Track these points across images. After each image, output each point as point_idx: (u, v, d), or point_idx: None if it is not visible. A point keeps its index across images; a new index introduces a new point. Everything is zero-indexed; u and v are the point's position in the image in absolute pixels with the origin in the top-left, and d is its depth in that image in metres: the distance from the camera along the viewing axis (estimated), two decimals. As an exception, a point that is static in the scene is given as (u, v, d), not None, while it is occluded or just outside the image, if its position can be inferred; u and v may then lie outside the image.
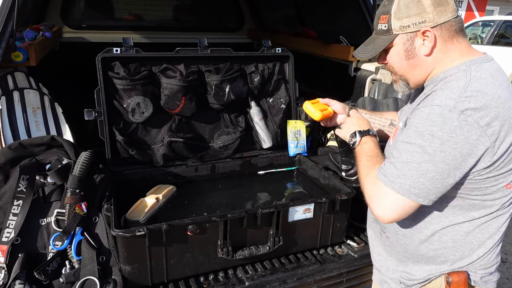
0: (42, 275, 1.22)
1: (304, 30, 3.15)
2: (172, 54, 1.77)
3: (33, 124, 1.64)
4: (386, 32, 1.10)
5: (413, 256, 1.16)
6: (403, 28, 1.07)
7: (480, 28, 9.76)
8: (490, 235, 1.09)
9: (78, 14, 3.38)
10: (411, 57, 1.10)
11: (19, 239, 1.28)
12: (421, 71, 1.11)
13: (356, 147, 1.25)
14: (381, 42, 1.12)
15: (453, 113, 0.93)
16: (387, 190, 1.01)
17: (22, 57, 1.75)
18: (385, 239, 1.24)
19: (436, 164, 0.95)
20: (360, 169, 1.16)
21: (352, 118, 1.37)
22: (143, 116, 1.76)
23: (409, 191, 0.98)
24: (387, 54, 1.15)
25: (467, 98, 0.94)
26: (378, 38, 1.14)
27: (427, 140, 0.95)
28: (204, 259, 1.37)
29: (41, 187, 1.36)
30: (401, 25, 1.06)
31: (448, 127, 0.93)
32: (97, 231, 1.34)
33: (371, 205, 1.06)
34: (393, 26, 1.08)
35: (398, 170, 0.99)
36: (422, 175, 0.96)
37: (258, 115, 2.00)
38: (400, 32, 1.08)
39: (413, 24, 1.05)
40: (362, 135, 1.25)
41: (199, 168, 1.87)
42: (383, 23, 1.10)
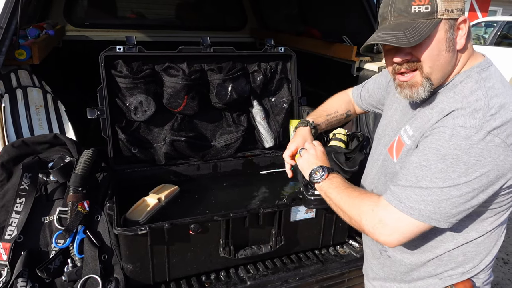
0: (45, 273, 1.23)
1: (307, 30, 3.14)
2: (175, 53, 1.77)
3: (36, 122, 1.64)
4: (429, 15, 0.91)
5: (419, 273, 1.10)
6: (448, 13, 0.91)
7: (483, 29, 9.73)
8: (495, 242, 1.06)
9: (81, 12, 3.38)
10: (451, 49, 0.94)
11: (21, 237, 1.28)
12: (451, 68, 0.97)
13: (321, 182, 1.13)
14: (425, 26, 0.91)
15: (479, 135, 0.85)
16: (402, 216, 0.91)
17: (25, 55, 1.75)
18: (385, 258, 1.17)
19: (460, 188, 0.87)
20: (343, 200, 1.04)
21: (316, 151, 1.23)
22: (146, 115, 1.76)
23: (429, 216, 0.89)
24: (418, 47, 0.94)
25: (492, 116, 0.87)
26: (417, 22, 0.92)
27: (450, 165, 0.86)
28: (206, 258, 1.37)
29: (43, 185, 1.36)
30: (447, 8, 0.91)
31: (475, 150, 0.85)
32: (99, 229, 1.34)
33: (376, 231, 0.94)
34: (440, 7, 0.91)
35: (417, 195, 0.90)
36: (444, 200, 0.88)
37: (261, 114, 1.99)
38: (444, 16, 0.92)
39: (456, 10, 0.92)
40: (329, 172, 1.14)
41: (201, 167, 1.87)
42: (423, 4, 0.92)
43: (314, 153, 1.22)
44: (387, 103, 1.29)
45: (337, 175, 1.14)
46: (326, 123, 1.50)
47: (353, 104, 1.55)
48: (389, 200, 0.94)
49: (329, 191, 1.10)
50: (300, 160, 1.24)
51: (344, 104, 1.54)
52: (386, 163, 1.12)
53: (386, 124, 1.23)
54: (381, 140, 1.22)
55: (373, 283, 1.25)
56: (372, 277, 1.25)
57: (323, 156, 1.22)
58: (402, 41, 0.92)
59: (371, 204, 0.97)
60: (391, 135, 1.16)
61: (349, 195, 1.04)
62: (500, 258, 3.03)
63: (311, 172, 1.16)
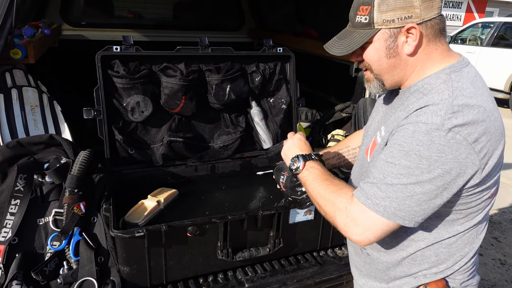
0: (40, 276, 1.21)
1: (305, 30, 3.13)
2: (173, 53, 1.75)
3: (32, 122, 1.62)
4: (367, 26, 0.98)
5: (395, 273, 1.11)
6: (387, 23, 0.96)
7: (480, 30, 9.77)
8: (470, 244, 1.06)
9: (77, 11, 3.35)
10: (392, 56, 1.00)
11: (16, 239, 1.26)
12: (401, 71, 1.02)
13: (299, 172, 1.12)
14: (360, 36, 0.99)
15: (440, 131, 0.87)
16: (369, 213, 0.92)
17: (20, 55, 1.73)
18: (365, 256, 1.18)
19: (423, 185, 0.89)
20: (319, 195, 1.04)
21: (293, 139, 1.24)
22: (143, 115, 1.74)
23: (394, 214, 0.91)
24: (364, 51, 1.02)
25: (454, 114, 0.88)
26: (356, 32, 1.01)
27: (413, 161, 0.89)
28: (204, 260, 1.36)
29: (39, 186, 1.35)
30: (385, 19, 0.95)
31: (436, 146, 0.87)
32: (96, 231, 1.33)
33: (348, 229, 0.95)
34: (376, 19, 0.96)
35: (382, 192, 0.92)
36: (408, 197, 0.90)
37: (259, 115, 1.98)
38: (383, 26, 0.97)
39: (398, 19, 0.95)
40: (306, 159, 1.13)
41: (199, 168, 1.86)
42: (363, 15, 0.98)
43: (291, 142, 1.23)
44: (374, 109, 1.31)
45: (315, 164, 1.13)
46: (337, 158, 1.52)
47: None
48: (357, 196, 0.96)
49: (307, 182, 1.10)
50: (282, 153, 1.25)
51: (357, 139, 1.52)
52: (362, 163, 1.15)
53: (369, 126, 1.26)
54: (364, 140, 1.25)
55: (358, 282, 1.26)
56: (358, 274, 1.26)
57: (300, 143, 1.22)
58: (337, 50, 1.04)
59: (344, 201, 0.97)
60: (370, 136, 1.18)
61: (326, 189, 1.04)
62: (498, 260, 3.03)
63: (290, 163, 1.17)
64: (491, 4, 15.42)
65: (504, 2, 15.62)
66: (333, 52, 1.05)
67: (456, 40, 9.62)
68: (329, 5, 2.83)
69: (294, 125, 2.06)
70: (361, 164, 1.16)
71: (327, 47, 1.08)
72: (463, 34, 9.70)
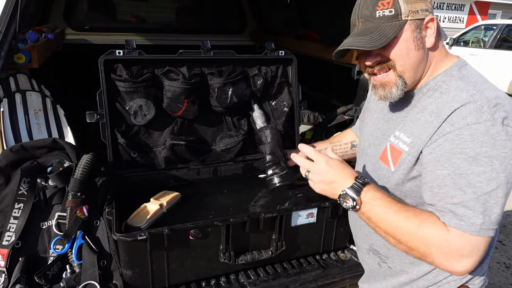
0: (43, 280, 1.21)
1: (307, 33, 3.14)
2: (175, 57, 1.76)
3: (35, 127, 1.63)
4: (393, 18, 0.95)
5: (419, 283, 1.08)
6: (413, 14, 0.95)
7: (483, 32, 9.76)
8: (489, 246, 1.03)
9: (81, 16, 3.37)
10: (420, 48, 0.97)
11: (19, 243, 1.27)
12: (423, 67, 0.99)
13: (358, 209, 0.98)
14: (389, 29, 0.95)
15: (496, 127, 0.85)
16: (467, 237, 0.85)
17: (24, 59, 1.74)
18: (386, 269, 1.13)
19: (503, 187, 0.85)
20: (399, 230, 0.92)
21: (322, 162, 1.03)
22: (145, 119, 1.75)
23: (489, 228, 0.86)
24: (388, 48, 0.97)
25: (496, 107, 0.87)
26: (382, 26, 0.96)
27: (485, 165, 0.84)
28: (206, 263, 1.36)
29: (42, 190, 1.35)
30: (411, 9, 0.94)
31: (499, 143, 0.85)
32: (98, 235, 1.33)
33: (452, 264, 0.86)
34: (404, 10, 0.94)
35: (472, 210, 0.85)
36: (494, 204, 0.85)
37: (261, 118, 1.98)
38: (409, 18, 0.95)
39: (421, 11, 0.95)
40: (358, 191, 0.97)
41: (201, 171, 1.86)
42: (387, 8, 0.95)
43: (324, 168, 1.02)
44: (366, 116, 1.28)
45: (371, 190, 0.97)
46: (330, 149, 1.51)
47: (356, 137, 1.55)
48: (450, 223, 0.87)
49: (373, 218, 0.97)
50: (316, 187, 1.04)
51: (349, 135, 1.57)
52: (382, 173, 1.07)
53: (370, 134, 1.20)
54: (367, 150, 1.19)
55: None
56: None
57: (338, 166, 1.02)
58: (368, 44, 0.96)
59: (439, 233, 0.87)
60: (377, 144, 1.13)
61: (406, 221, 0.91)
62: (502, 263, 3.01)
63: (339, 201, 1.00)
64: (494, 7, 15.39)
65: (507, 5, 15.59)
66: (366, 47, 0.96)
67: (459, 42, 9.61)
68: (331, 8, 2.84)
69: (296, 128, 2.06)
70: (378, 174, 1.08)
71: (350, 44, 1.00)
72: (466, 37, 9.69)
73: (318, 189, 1.05)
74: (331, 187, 1.02)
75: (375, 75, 1.04)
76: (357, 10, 1.01)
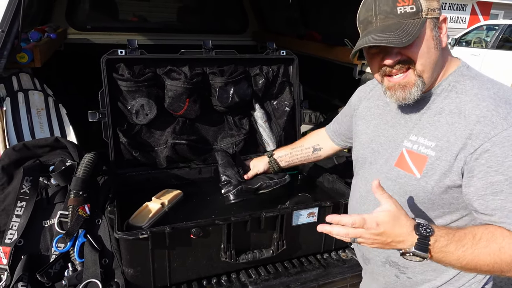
0: (45, 278, 1.22)
1: (308, 33, 3.14)
2: (177, 56, 1.77)
3: (37, 125, 1.63)
4: (414, 15, 0.91)
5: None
6: (432, 12, 0.93)
7: (485, 32, 9.74)
8: None
9: (83, 15, 3.38)
10: (439, 47, 0.95)
11: (22, 241, 1.27)
12: (439, 67, 0.98)
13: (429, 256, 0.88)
14: (413, 25, 0.91)
15: None
16: None
17: (27, 58, 1.75)
18: (405, 280, 1.10)
19: None
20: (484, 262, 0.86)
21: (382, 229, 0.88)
22: (147, 118, 1.76)
23: None
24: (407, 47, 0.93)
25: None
26: (405, 22, 0.91)
27: None
28: (207, 262, 1.36)
29: (44, 188, 1.36)
30: (430, 7, 0.92)
31: None
32: (100, 233, 1.34)
33: None
34: (424, 7, 0.91)
35: None
36: None
37: (262, 117, 1.99)
38: (429, 16, 0.93)
39: (437, 9, 0.94)
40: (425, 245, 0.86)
41: (203, 171, 1.87)
42: (408, 5, 0.91)
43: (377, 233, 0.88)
44: (360, 123, 1.23)
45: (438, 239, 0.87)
46: (289, 155, 1.58)
47: (327, 140, 1.53)
48: None
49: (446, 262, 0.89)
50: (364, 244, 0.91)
51: (313, 139, 1.56)
52: (403, 181, 1.01)
53: (370, 141, 1.16)
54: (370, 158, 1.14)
55: None
56: None
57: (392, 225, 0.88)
58: (396, 41, 0.90)
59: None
60: (383, 150, 1.09)
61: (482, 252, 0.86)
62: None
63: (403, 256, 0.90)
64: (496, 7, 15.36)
65: (509, 5, 15.55)
66: (394, 44, 0.90)
67: (461, 42, 9.60)
68: (332, 8, 2.84)
69: (298, 128, 2.07)
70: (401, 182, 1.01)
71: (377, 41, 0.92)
72: (468, 37, 9.67)
73: (371, 247, 0.93)
74: (387, 246, 0.90)
75: (390, 76, 0.99)
76: (374, 6, 0.95)
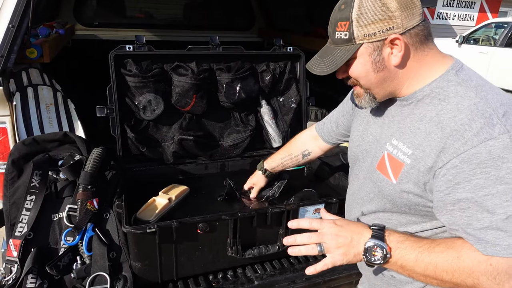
0: (54, 270, 1.24)
1: (315, 29, 3.13)
2: (184, 52, 1.77)
3: (46, 120, 1.65)
4: (347, 42, 0.93)
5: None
6: (368, 37, 0.90)
7: (493, 30, 9.62)
8: None
9: (90, 11, 3.41)
10: (380, 70, 0.94)
11: (31, 234, 1.29)
12: (391, 83, 0.97)
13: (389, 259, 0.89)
14: (342, 53, 0.94)
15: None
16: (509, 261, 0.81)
17: (36, 54, 1.77)
18: (389, 278, 1.09)
19: None
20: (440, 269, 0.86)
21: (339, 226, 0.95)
22: (154, 114, 1.77)
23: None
24: (349, 67, 0.97)
25: (505, 116, 0.83)
26: (337, 49, 0.95)
27: (510, 181, 0.80)
28: (214, 257, 1.37)
29: (53, 182, 1.37)
30: (366, 33, 0.90)
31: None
32: (108, 227, 1.35)
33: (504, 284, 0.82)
34: (356, 34, 0.91)
35: (504, 231, 0.81)
36: None
37: (269, 114, 1.99)
38: (364, 41, 0.91)
39: (379, 32, 0.90)
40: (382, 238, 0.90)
41: (209, 166, 1.88)
42: (342, 31, 0.92)
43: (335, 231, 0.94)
44: (355, 120, 1.24)
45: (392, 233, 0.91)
46: (281, 165, 1.61)
47: (316, 141, 1.51)
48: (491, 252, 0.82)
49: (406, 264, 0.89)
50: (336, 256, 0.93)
51: (299, 145, 1.55)
52: (381, 184, 1.01)
53: (360, 139, 1.16)
54: (359, 156, 1.15)
55: None
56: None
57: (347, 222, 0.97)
58: (320, 70, 0.98)
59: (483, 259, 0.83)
60: (369, 149, 1.10)
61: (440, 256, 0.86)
62: None
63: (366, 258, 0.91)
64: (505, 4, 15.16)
65: (518, 2, 15.34)
66: (317, 72, 0.99)
67: (469, 40, 9.50)
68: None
69: (304, 124, 2.07)
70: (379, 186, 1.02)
71: (309, 67, 1.02)
72: (476, 34, 9.57)
73: (339, 257, 0.93)
74: (351, 247, 0.92)
75: None
76: (329, 24, 0.98)
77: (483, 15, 14.50)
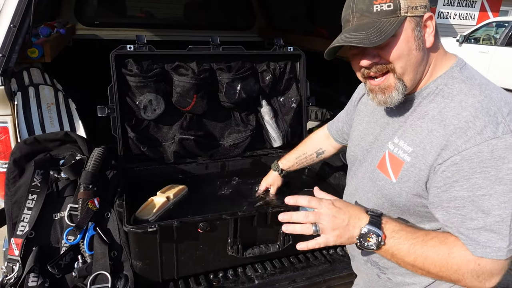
0: (55, 269, 1.24)
1: (316, 29, 3.13)
2: (185, 52, 1.78)
3: (48, 120, 1.66)
4: (392, 14, 0.86)
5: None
6: (412, 10, 0.86)
7: (494, 29, 9.61)
8: None
9: (91, 11, 3.41)
10: (421, 48, 0.89)
11: (33, 233, 1.30)
12: (423, 68, 0.92)
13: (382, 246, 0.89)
14: (389, 24, 0.85)
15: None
16: (495, 263, 0.82)
17: (37, 53, 1.77)
18: (385, 281, 1.09)
19: None
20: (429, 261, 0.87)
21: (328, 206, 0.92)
22: (155, 113, 1.77)
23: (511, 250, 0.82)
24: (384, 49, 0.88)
25: (509, 115, 0.82)
26: (381, 21, 0.86)
27: (510, 183, 0.79)
28: (214, 256, 1.38)
29: (55, 182, 1.38)
30: (411, 5, 0.86)
31: None
32: (109, 226, 1.36)
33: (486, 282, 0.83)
34: (403, 5, 0.86)
35: (497, 233, 0.81)
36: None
37: (269, 114, 2.00)
38: (408, 14, 0.86)
39: (420, 7, 0.87)
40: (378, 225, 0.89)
41: (210, 166, 1.88)
42: (385, 3, 0.86)
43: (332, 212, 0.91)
44: (355, 120, 1.22)
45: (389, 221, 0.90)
46: (296, 165, 1.62)
47: (329, 140, 1.51)
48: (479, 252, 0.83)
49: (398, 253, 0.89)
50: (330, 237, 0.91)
51: (313, 143, 1.56)
52: (381, 183, 1.00)
53: (360, 138, 1.14)
54: (360, 156, 1.14)
55: None
56: None
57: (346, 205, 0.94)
58: (366, 41, 0.86)
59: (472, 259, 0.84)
60: (370, 149, 1.08)
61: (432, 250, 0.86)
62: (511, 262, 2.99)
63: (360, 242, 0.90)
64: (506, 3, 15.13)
65: (519, 1, 15.31)
66: (364, 44, 0.86)
67: (469, 39, 9.48)
68: (340, 4, 2.83)
69: (304, 124, 2.07)
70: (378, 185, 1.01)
71: (346, 40, 0.89)
72: (477, 34, 9.55)
73: (333, 238, 0.91)
74: (347, 230, 0.90)
75: (371, 79, 0.96)
76: (352, 4, 0.92)
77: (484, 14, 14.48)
